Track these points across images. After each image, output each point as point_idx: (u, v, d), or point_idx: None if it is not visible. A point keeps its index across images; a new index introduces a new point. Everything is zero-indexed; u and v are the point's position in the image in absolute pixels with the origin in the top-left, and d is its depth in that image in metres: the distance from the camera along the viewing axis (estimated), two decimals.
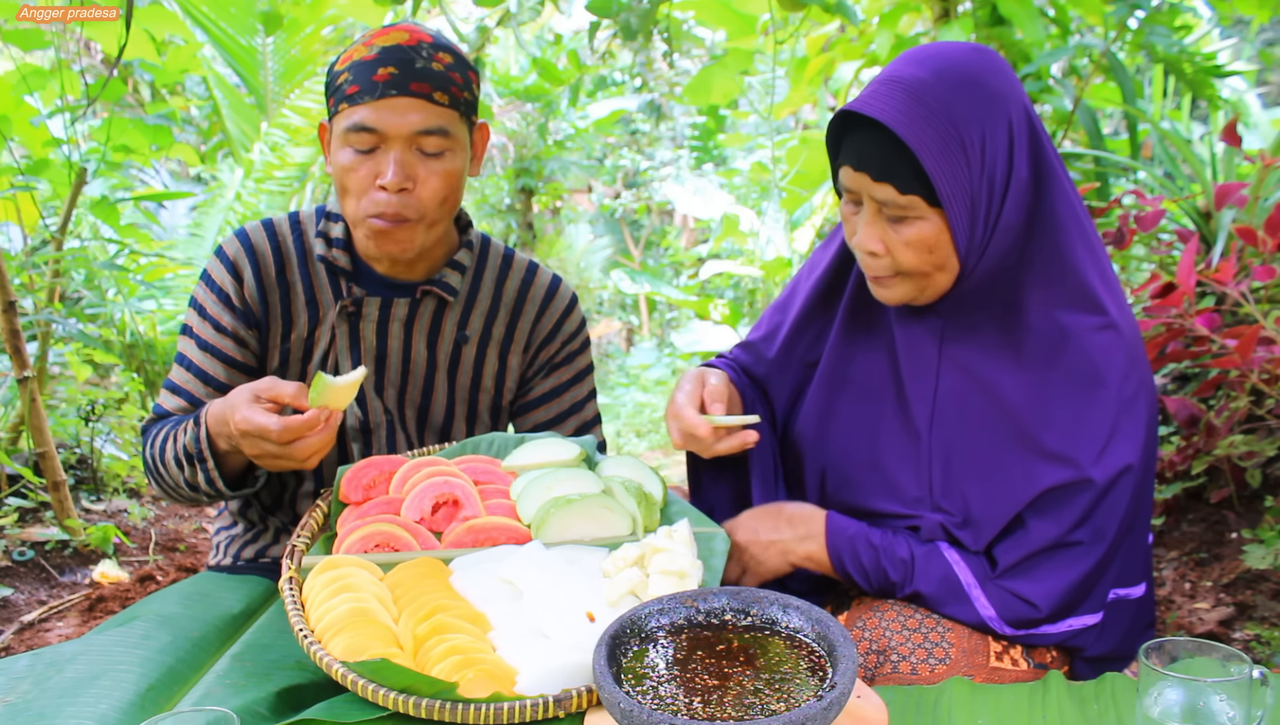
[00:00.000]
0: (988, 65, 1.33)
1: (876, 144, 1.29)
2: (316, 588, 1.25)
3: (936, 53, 1.34)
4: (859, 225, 1.37)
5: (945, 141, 1.27)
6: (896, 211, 1.32)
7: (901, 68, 1.32)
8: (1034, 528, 1.35)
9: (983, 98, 1.30)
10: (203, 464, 1.51)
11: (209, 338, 1.66)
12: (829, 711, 0.94)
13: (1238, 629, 2.24)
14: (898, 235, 1.33)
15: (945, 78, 1.30)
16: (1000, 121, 1.30)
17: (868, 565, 1.42)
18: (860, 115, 1.31)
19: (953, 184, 1.28)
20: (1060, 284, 1.35)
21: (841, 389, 1.55)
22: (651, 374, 9.24)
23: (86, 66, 6.05)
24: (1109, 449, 1.33)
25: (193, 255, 5.31)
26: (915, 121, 1.27)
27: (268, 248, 1.67)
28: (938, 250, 1.33)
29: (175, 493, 1.62)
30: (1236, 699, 1.01)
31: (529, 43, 8.77)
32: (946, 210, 1.29)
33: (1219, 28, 5.89)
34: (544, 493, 1.44)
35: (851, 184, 1.35)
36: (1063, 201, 1.36)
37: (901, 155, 1.28)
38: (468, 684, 1.08)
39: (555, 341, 1.78)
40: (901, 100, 1.28)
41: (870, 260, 1.38)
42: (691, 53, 8.70)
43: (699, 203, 8.97)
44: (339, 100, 1.52)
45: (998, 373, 1.39)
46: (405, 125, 1.49)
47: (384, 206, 1.51)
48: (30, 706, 1.14)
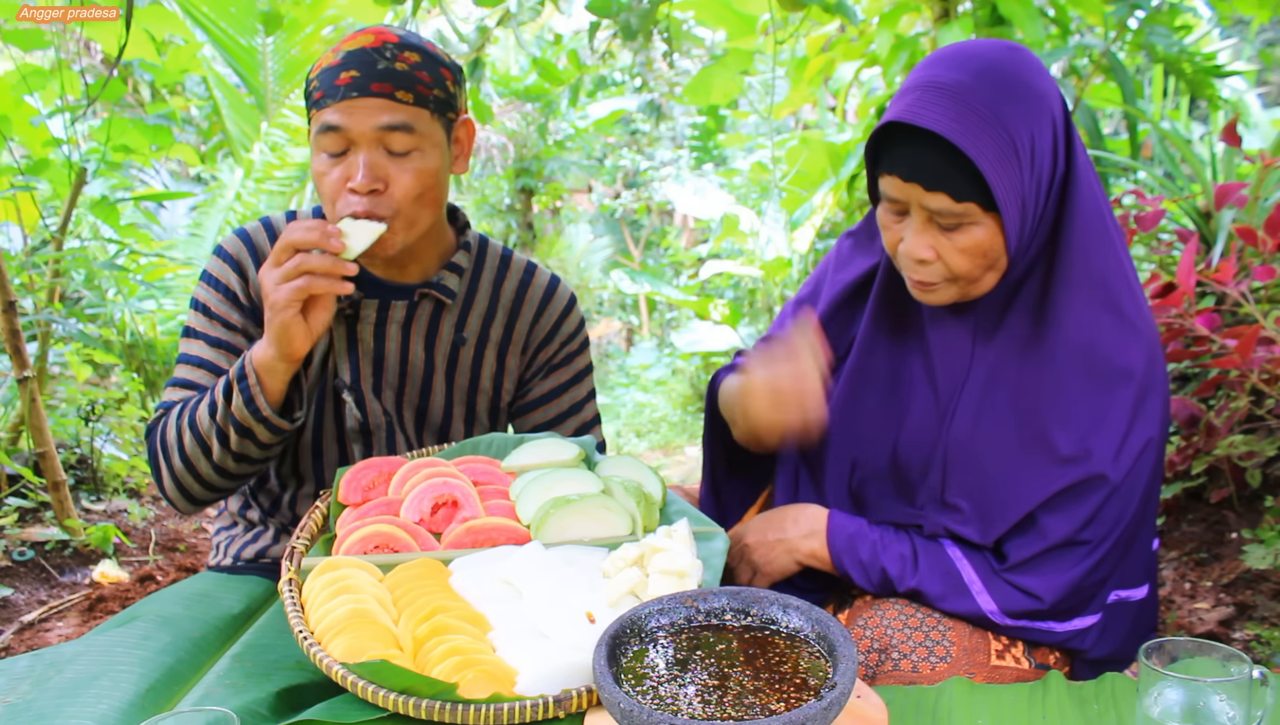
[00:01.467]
0: (1026, 64, 1.30)
1: (927, 153, 1.26)
2: (316, 589, 1.25)
3: (973, 53, 1.30)
4: (905, 233, 1.35)
5: (1000, 147, 1.25)
6: (951, 220, 1.29)
7: (940, 71, 1.28)
8: (1046, 524, 1.36)
9: (1029, 98, 1.27)
10: (243, 383, 1.48)
11: (220, 335, 1.65)
12: (829, 711, 0.94)
13: (1238, 629, 2.24)
14: (951, 242, 1.31)
15: (989, 80, 1.26)
16: (1045, 121, 1.29)
17: (867, 561, 1.43)
18: (905, 124, 1.27)
19: (1008, 188, 1.26)
20: (1086, 282, 1.35)
21: (868, 386, 1.54)
22: (651, 374, 9.24)
23: (86, 66, 6.05)
24: (1125, 448, 1.33)
25: (193, 255, 5.31)
26: (970, 130, 1.24)
27: (268, 246, 1.67)
28: (991, 253, 1.32)
29: (192, 472, 1.55)
30: (1236, 699, 1.01)
31: (529, 43, 8.76)
32: (1003, 213, 1.27)
33: (1219, 28, 5.89)
34: (543, 493, 1.44)
35: (899, 194, 1.32)
36: (1091, 197, 1.36)
37: (954, 163, 1.25)
38: (467, 685, 1.08)
39: (554, 342, 1.78)
40: (950, 107, 1.25)
41: (920, 268, 1.35)
42: (691, 53, 8.70)
43: (699, 203, 8.96)
44: (310, 106, 1.54)
45: (1022, 371, 1.38)
46: (368, 124, 1.49)
47: (355, 207, 1.51)
48: (30, 707, 1.14)
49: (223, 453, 1.53)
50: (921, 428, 1.48)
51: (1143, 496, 1.36)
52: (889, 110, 1.31)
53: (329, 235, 1.43)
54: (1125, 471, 1.33)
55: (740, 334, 7.36)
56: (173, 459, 1.58)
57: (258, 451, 1.55)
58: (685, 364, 8.44)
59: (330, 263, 1.43)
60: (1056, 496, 1.35)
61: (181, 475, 1.58)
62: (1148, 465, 1.35)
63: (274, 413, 1.50)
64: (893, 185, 1.32)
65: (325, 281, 1.43)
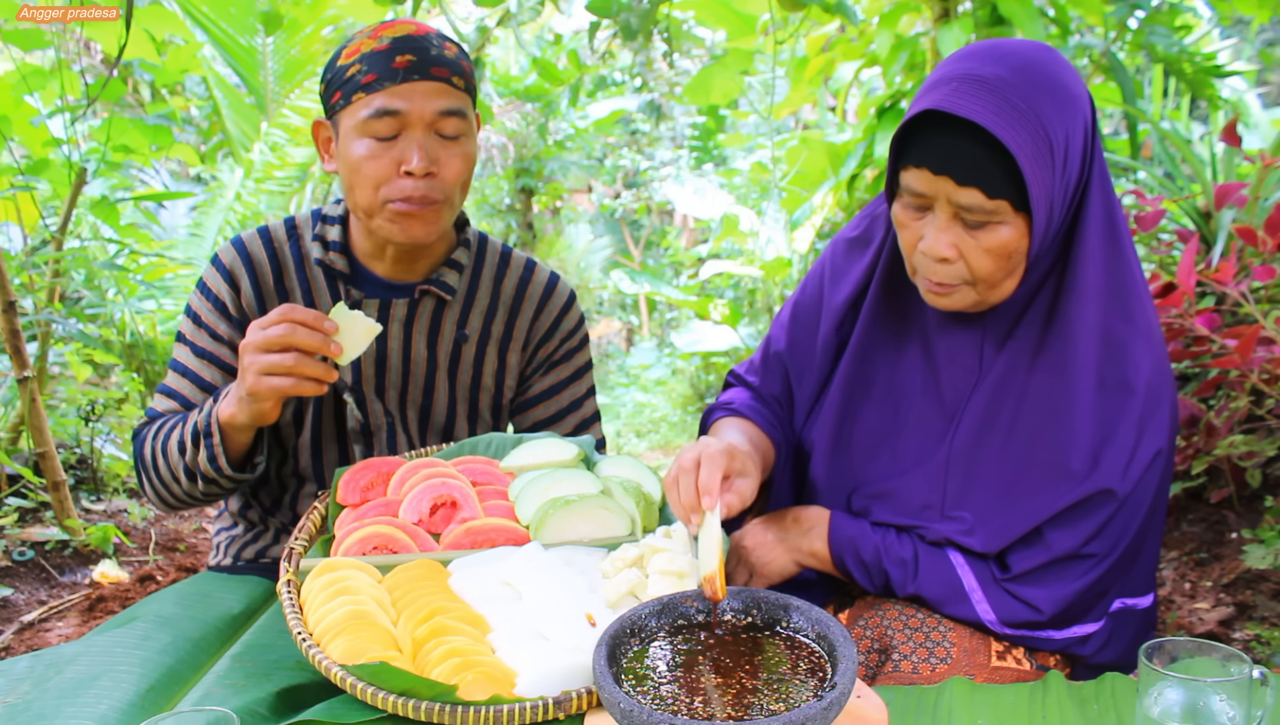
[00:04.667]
0: (1062, 65, 1.28)
1: (962, 145, 1.21)
2: (314, 591, 1.25)
3: (1010, 50, 1.26)
4: (927, 230, 1.29)
5: (1037, 144, 1.21)
6: (980, 217, 1.24)
7: (976, 65, 1.24)
8: (1052, 538, 1.34)
9: (1066, 99, 1.24)
10: (208, 439, 1.49)
11: (205, 345, 1.66)
12: (829, 711, 0.94)
13: (1238, 629, 2.24)
14: (975, 241, 1.26)
15: (1028, 77, 1.22)
16: (1079, 123, 1.26)
17: (869, 564, 1.42)
18: (937, 115, 1.22)
19: (1042, 188, 1.23)
20: (1100, 291, 1.32)
21: (864, 395, 1.51)
22: (651, 374, 9.24)
23: (86, 66, 6.05)
24: (1134, 461, 1.31)
25: (193, 255, 5.31)
26: (1011, 123, 1.20)
27: (264, 256, 1.67)
28: (1015, 256, 1.27)
29: (166, 489, 1.60)
30: (1236, 699, 1.01)
31: (529, 43, 8.76)
32: (1034, 215, 1.24)
33: (1219, 28, 5.89)
34: (542, 493, 1.44)
35: (926, 187, 1.26)
36: (1106, 205, 1.33)
37: (991, 158, 1.21)
38: (467, 686, 1.08)
39: (554, 339, 1.78)
40: (991, 101, 1.20)
41: (940, 267, 1.30)
42: (691, 53, 8.70)
43: (699, 203, 8.96)
44: (351, 91, 1.52)
45: (1031, 382, 1.36)
46: (429, 108, 1.51)
47: (410, 191, 1.52)
48: (30, 707, 1.14)
49: (191, 485, 1.57)
50: (923, 438, 1.45)
51: (1150, 508, 1.34)
52: (919, 100, 1.26)
53: (329, 343, 1.39)
54: (1133, 484, 1.31)
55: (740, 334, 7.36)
56: (151, 475, 1.61)
57: (227, 486, 1.58)
58: (685, 364, 8.44)
59: (322, 371, 1.40)
60: (1064, 511, 1.33)
61: (160, 490, 1.62)
62: (1155, 477, 1.33)
63: (234, 470, 1.53)
64: (920, 178, 1.26)
65: (311, 384, 1.40)
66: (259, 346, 1.39)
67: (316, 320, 1.39)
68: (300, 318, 1.39)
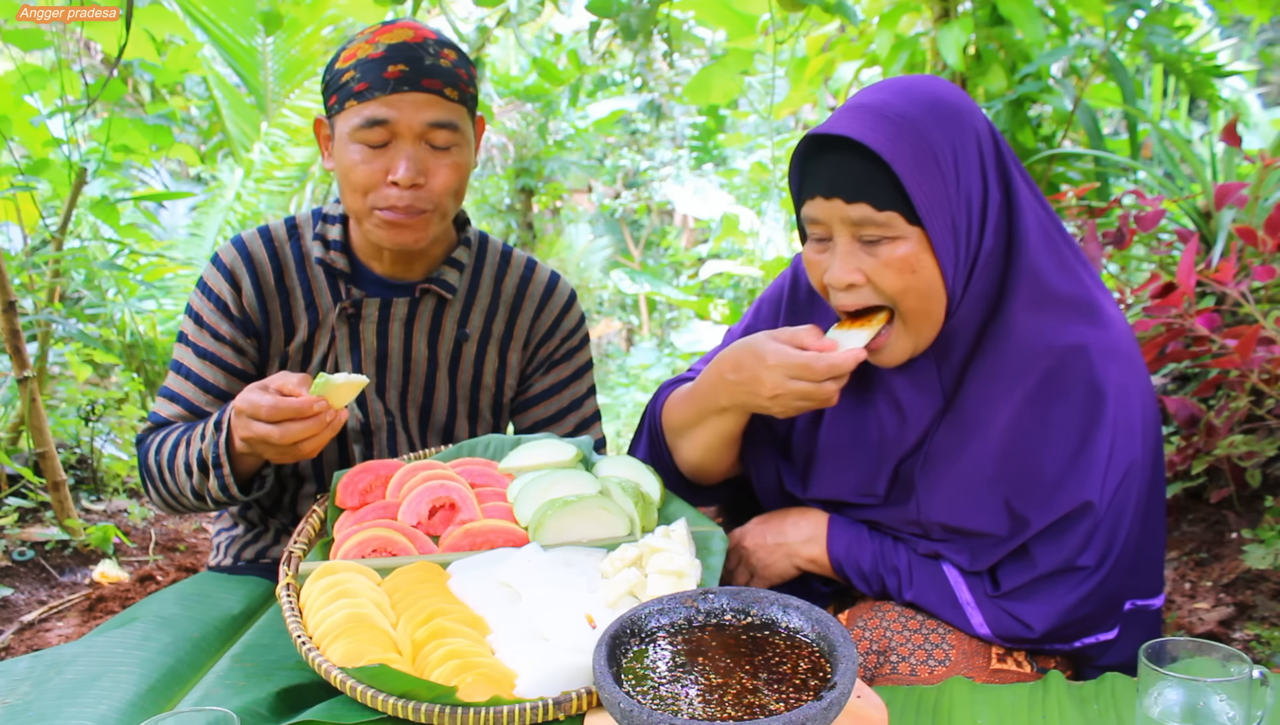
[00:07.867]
0: (947, 87, 1.33)
1: (847, 165, 1.26)
2: (314, 594, 1.25)
3: (895, 81, 1.34)
4: (832, 261, 1.32)
5: (918, 155, 1.25)
6: (874, 232, 1.27)
7: (863, 96, 1.32)
8: (1038, 555, 1.34)
9: (948, 115, 1.29)
10: (218, 470, 1.50)
11: (207, 346, 1.66)
12: (829, 711, 0.94)
13: (1238, 629, 2.24)
14: (876, 259, 1.29)
15: (909, 98, 1.29)
16: (969, 138, 1.29)
17: (867, 570, 1.43)
18: (826, 144, 1.28)
19: (930, 198, 1.26)
20: (1044, 305, 1.33)
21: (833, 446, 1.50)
22: (651, 374, 9.23)
23: (86, 66, 6.04)
24: (1110, 469, 1.31)
25: (193, 255, 5.32)
26: (887, 136, 1.25)
27: (265, 256, 1.67)
28: (920, 271, 1.28)
29: (175, 501, 1.61)
30: (1236, 699, 1.01)
31: (529, 43, 8.77)
32: (926, 225, 1.26)
33: (1219, 28, 5.89)
34: (541, 494, 1.43)
35: (821, 214, 1.31)
36: (1033, 219, 1.34)
37: (874, 174, 1.25)
38: (467, 688, 1.08)
39: (554, 338, 1.79)
40: (869, 119, 1.26)
41: (847, 295, 1.32)
42: (691, 53, 8.70)
43: (699, 203, 8.97)
44: (345, 97, 1.52)
45: (993, 408, 1.36)
46: (418, 120, 1.50)
47: (396, 201, 1.52)
48: (30, 708, 1.14)
49: (199, 503, 1.58)
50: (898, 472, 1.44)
51: (1137, 515, 1.33)
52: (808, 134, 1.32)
53: (323, 420, 1.37)
54: (1112, 493, 1.31)
55: None
56: (158, 485, 1.61)
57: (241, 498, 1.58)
58: (685, 364, 8.44)
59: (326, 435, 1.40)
60: (1047, 528, 1.33)
61: (167, 498, 1.63)
62: (1135, 483, 1.32)
63: (244, 493, 1.54)
64: (816, 207, 1.31)
65: (313, 443, 1.40)
66: (270, 437, 1.38)
67: (318, 425, 1.37)
68: (303, 433, 1.37)
